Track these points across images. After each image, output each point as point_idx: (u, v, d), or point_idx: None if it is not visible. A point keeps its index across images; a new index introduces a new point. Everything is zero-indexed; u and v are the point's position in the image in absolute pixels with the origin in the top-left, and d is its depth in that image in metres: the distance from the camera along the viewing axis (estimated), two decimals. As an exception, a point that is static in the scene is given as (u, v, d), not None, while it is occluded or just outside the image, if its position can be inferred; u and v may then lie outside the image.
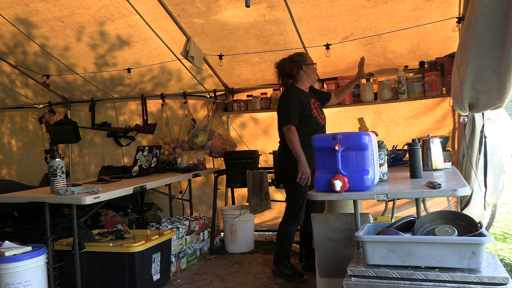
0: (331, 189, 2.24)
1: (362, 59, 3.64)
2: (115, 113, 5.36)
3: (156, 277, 3.31)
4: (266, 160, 4.71)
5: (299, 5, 3.38)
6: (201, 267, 3.89)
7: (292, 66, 3.40)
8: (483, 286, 1.78)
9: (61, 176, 2.96)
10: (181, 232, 3.85)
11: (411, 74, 3.93)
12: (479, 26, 2.02)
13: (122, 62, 4.49)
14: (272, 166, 4.15)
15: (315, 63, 3.53)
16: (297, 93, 3.32)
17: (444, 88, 3.73)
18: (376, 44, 3.82)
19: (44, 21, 3.82)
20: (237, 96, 4.85)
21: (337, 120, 4.48)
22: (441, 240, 1.88)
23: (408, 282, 1.89)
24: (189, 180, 4.65)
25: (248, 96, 4.64)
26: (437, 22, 3.45)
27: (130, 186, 3.22)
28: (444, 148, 3.34)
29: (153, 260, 3.27)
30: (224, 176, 4.41)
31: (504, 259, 3.64)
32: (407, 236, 2.01)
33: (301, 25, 3.63)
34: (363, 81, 4.06)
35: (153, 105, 5.22)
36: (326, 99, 3.72)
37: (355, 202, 2.46)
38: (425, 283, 1.86)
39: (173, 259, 3.65)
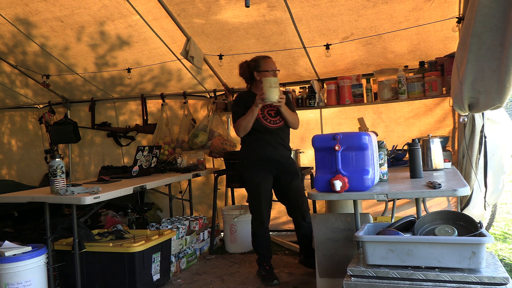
0: (331, 189, 2.24)
1: None
2: (115, 113, 5.36)
3: (156, 277, 3.31)
4: (266, 160, 4.71)
5: (299, 5, 3.38)
6: (201, 267, 3.89)
7: (245, 71, 3.44)
8: (483, 286, 1.78)
9: (61, 176, 2.96)
10: (181, 232, 3.85)
11: (411, 74, 3.93)
12: (479, 26, 2.02)
13: (122, 62, 4.49)
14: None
15: (270, 70, 3.31)
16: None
17: (444, 88, 3.73)
18: (376, 44, 3.82)
19: (44, 21, 3.82)
20: (237, 96, 4.85)
21: (337, 120, 4.48)
22: (441, 240, 1.88)
23: (408, 282, 1.89)
24: (189, 180, 4.65)
25: (248, 96, 4.64)
26: (437, 22, 3.45)
27: (130, 186, 3.22)
28: (444, 148, 3.34)
29: (153, 260, 3.27)
30: (224, 176, 4.41)
31: (504, 259, 3.64)
32: (407, 236, 2.01)
33: (301, 25, 3.63)
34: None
35: (153, 105, 5.22)
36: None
37: (355, 202, 2.46)
38: (425, 283, 1.86)
39: (173, 259, 3.64)
